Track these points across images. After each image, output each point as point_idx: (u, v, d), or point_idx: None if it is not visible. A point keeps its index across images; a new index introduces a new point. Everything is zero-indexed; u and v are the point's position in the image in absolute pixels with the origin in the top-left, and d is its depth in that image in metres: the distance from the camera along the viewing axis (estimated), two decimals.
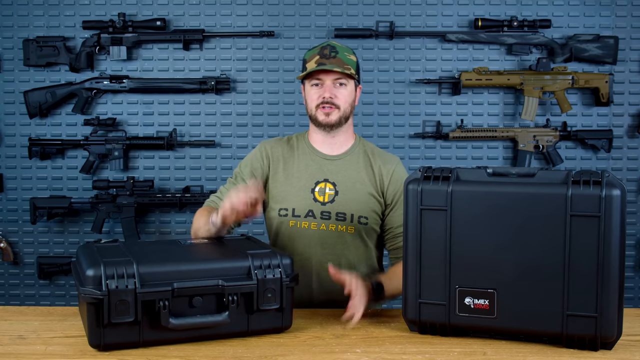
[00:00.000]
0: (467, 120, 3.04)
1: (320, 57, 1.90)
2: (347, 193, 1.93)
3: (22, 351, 1.43)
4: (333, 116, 1.91)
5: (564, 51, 2.97)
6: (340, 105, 1.91)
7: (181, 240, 1.72)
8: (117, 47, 2.97)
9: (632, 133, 3.05)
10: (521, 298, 1.44)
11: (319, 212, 1.92)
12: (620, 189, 1.38)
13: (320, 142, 1.99)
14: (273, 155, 2.00)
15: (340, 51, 1.91)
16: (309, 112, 1.95)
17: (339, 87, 1.91)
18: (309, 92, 1.94)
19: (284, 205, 1.95)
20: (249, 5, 3.03)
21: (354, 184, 1.94)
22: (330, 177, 1.95)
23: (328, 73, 1.89)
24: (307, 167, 1.97)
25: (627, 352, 1.42)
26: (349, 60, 1.91)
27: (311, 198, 1.93)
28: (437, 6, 3.02)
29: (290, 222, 1.94)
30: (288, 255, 1.59)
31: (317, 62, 1.89)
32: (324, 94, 1.90)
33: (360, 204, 1.93)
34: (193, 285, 1.45)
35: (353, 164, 1.97)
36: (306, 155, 1.99)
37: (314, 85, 1.92)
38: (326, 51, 1.90)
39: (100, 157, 3.01)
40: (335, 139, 1.97)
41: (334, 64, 1.87)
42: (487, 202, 1.45)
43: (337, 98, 1.90)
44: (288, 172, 1.98)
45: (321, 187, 1.94)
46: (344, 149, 1.99)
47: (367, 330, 1.59)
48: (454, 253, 1.48)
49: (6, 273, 3.11)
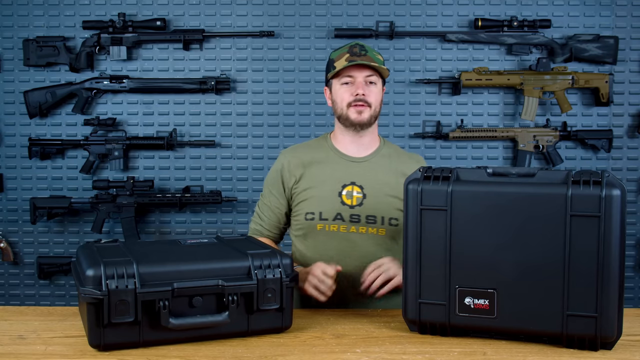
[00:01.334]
0: (467, 120, 3.04)
1: (351, 55, 1.88)
2: (375, 196, 1.91)
3: (22, 351, 1.43)
4: (365, 114, 1.89)
5: (564, 51, 2.97)
6: (372, 104, 1.90)
7: (181, 240, 1.72)
8: (117, 47, 2.97)
9: (632, 133, 3.05)
10: (521, 298, 1.44)
11: (347, 215, 1.90)
12: (620, 189, 1.38)
13: (347, 144, 1.97)
14: (291, 165, 1.97)
15: (370, 50, 1.91)
16: (339, 112, 1.92)
17: (370, 85, 1.90)
18: (339, 91, 1.91)
19: (311, 209, 1.93)
20: (249, 5, 3.03)
21: (381, 186, 1.92)
22: (357, 179, 1.93)
23: (360, 70, 1.88)
24: (333, 170, 1.95)
25: (627, 352, 1.42)
26: (377, 59, 1.91)
27: (339, 201, 1.91)
28: (437, 6, 3.02)
29: (318, 226, 1.92)
30: (288, 255, 1.59)
31: (347, 60, 1.87)
32: (357, 91, 1.87)
33: (389, 205, 1.91)
34: (193, 285, 1.45)
35: (379, 166, 1.95)
36: (331, 158, 1.97)
37: (345, 84, 1.90)
38: (356, 49, 1.89)
39: (100, 157, 3.01)
40: (362, 140, 1.95)
41: (365, 60, 1.86)
42: (487, 202, 1.45)
43: (369, 96, 1.89)
44: (313, 176, 1.95)
45: (348, 190, 1.92)
46: (369, 150, 1.97)
47: (367, 330, 1.59)
48: (454, 253, 1.48)
49: (6, 273, 3.11)
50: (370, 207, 1.91)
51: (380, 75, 1.92)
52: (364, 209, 1.91)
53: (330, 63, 1.93)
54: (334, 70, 1.90)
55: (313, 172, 1.96)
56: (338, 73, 1.90)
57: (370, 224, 1.90)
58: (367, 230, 1.91)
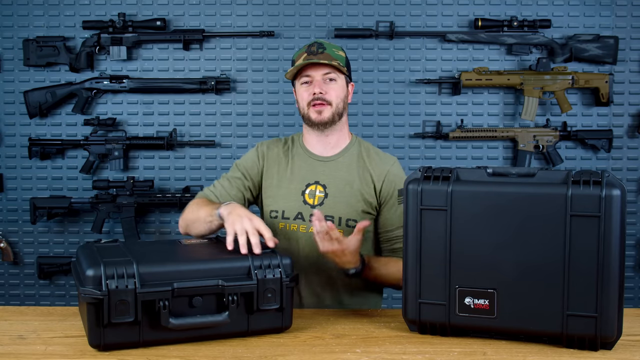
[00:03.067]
0: (467, 120, 3.04)
1: (308, 54, 1.87)
2: (337, 195, 1.89)
3: (22, 351, 1.43)
4: (325, 113, 1.87)
5: (564, 51, 2.97)
6: (331, 101, 1.87)
7: (181, 240, 1.73)
8: (117, 47, 2.97)
9: (632, 133, 3.05)
10: (521, 298, 1.44)
11: (308, 214, 1.88)
12: (620, 189, 1.38)
13: (314, 143, 1.95)
14: (269, 156, 1.97)
15: (328, 47, 1.88)
16: (301, 112, 1.92)
17: (329, 82, 1.87)
18: (299, 91, 1.91)
19: (275, 207, 1.93)
20: (249, 5, 3.03)
21: (344, 186, 1.90)
22: (321, 179, 1.92)
23: (317, 68, 1.86)
24: (299, 168, 1.94)
25: (627, 352, 1.42)
26: (337, 55, 1.88)
27: (301, 200, 1.90)
28: (437, 6, 3.02)
29: (280, 224, 1.91)
30: (288, 255, 1.59)
31: (304, 59, 1.86)
32: (314, 90, 1.86)
33: (350, 206, 1.89)
34: (193, 285, 1.45)
35: (345, 165, 1.93)
36: (299, 157, 1.96)
37: (304, 83, 1.89)
38: (313, 48, 1.88)
39: (100, 157, 3.01)
40: (329, 138, 1.93)
41: (322, 59, 1.84)
42: (487, 202, 1.45)
43: (328, 94, 1.87)
44: (281, 173, 1.95)
45: (311, 189, 1.91)
46: (337, 149, 1.95)
47: (367, 330, 1.59)
48: (454, 253, 1.48)
49: (6, 273, 3.11)
50: (330, 207, 1.89)
51: (341, 71, 1.89)
52: (324, 209, 1.88)
53: (292, 64, 1.93)
54: (290, 70, 1.89)
55: (282, 169, 1.95)
56: (298, 73, 1.89)
57: None
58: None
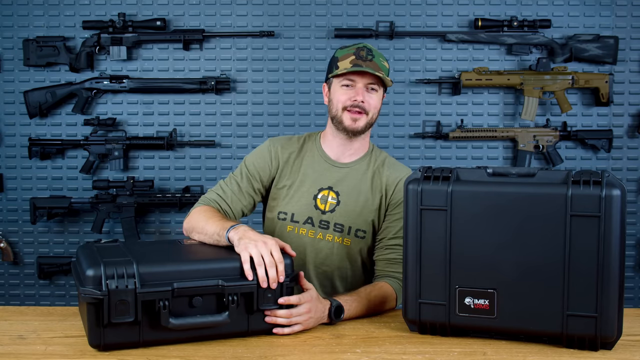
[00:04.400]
0: (467, 120, 3.04)
1: (356, 57, 1.79)
2: (349, 204, 1.86)
3: (22, 351, 1.43)
4: (360, 122, 1.81)
5: (564, 51, 2.97)
6: (369, 112, 1.82)
7: (181, 240, 1.72)
8: (117, 47, 2.97)
9: (632, 133, 3.05)
10: (521, 298, 1.44)
11: (318, 220, 1.87)
12: (620, 189, 1.38)
13: (334, 146, 1.90)
14: (282, 156, 1.91)
15: (377, 55, 1.82)
16: (334, 113, 1.84)
17: (371, 92, 1.81)
18: (337, 91, 1.83)
19: (284, 209, 1.89)
20: (249, 5, 3.03)
21: (358, 195, 1.87)
22: (335, 185, 1.88)
23: (363, 76, 1.79)
24: (313, 171, 1.89)
25: (627, 352, 1.42)
26: (383, 66, 1.82)
27: (312, 205, 1.87)
28: (437, 6, 3.02)
29: (288, 227, 1.88)
30: (288, 255, 1.58)
31: (352, 63, 1.79)
32: (356, 97, 1.79)
33: (361, 216, 1.86)
34: (193, 285, 1.45)
35: (360, 174, 1.89)
36: (314, 159, 1.91)
37: (345, 86, 1.81)
38: (362, 53, 1.80)
39: (100, 157, 3.01)
40: (352, 145, 1.88)
41: (370, 67, 1.78)
42: (487, 202, 1.45)
43: (368, 104, 1.81)
44: (293, 175, 1.90)
45: (324, 194, 1.87)
46: (355, 157, 1.90)
47: (367, 330, 1.59)
48: (454, 253, 1.48)
49: (6, 273, 3.11)
50: (340, 215, 1.86)
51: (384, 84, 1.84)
52: (334, 216, 1.86)
53: (334, 61, 1.84)
54: (336, 71, 1.81)
55: (294, 171, 1.90)
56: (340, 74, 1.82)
57: (337, 232, 1.86)
58: (333, 239, 1.86)
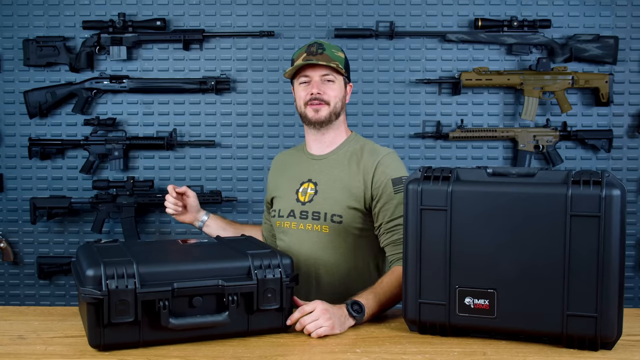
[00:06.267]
0: (467, 120, 3.04)
1: (307, 54, 1.90)
2: (325, 192, 1.93)
3: (22, 351, 1.43)
4: (322, 112, 1.91)
5: (564, 51, 2.97)
6: (329, 101, 1.91)
7: (181, 240, 1.73)
8: (117, 47, 2.97)
9: (632, 133, 3.05)
10: (521, 298, 1.44)
11: (298, 212, 1.95)
12: (620, 189, 1.38)
13: (311, 142, 2.02)
14: (276, 166, 2.10)
15: (327, 48, 1.92)
16: (299, 110, 1.97)
17: (327, 83, 1.91)
18: (298, 90, 1.95)
19: (275, 207, 2.02)
20: (249, 5, 3.02)
21: (334, 182, 1.93)
22: (314, 177, 1.97)
23: (315, 69, 1.90)
24: (297, 168, 2.01)
25: (627, 352, 1.42)
26: (336, 56, 1.92)
27: (294, 199, 1.97)
28: (437, 6, 3.02)
29: (277, 222, 1.99)
30: (288, 255, 1.59)
31: (303, 59, 1.90)
32: (312, 90, 1.90)
33: (337, 202, 1.90)
34: (193, 285, 1.45)
35: (338, 162, 1.96)
36: (300, 158, 2.04)
37: (302, 83, 1.93)
38: (313, 48, 1.91)
39: (100, 157, 3.01)
40: (325, 137, 1.98)
41: (321, 60, 1.88)
42: (487, 202, 1.45)
43: (326, 94, 1.90)
44: (285, 177, 2.03)
45: (304, 187, 1.96)
46: (331, 147, 1.99)
47: (367, 330, 1.59)
48: (454, 253, 1.48)
49: (6, 273, 3.11)
50: (317, 203, 1.93)
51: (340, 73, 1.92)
52: (312, 205, 1.93)
53: (292, 63, 1.97)
54: (289, 69, 1.93)
55: (285, 173, 2.04)
56: (297, 73, 1.93)
57: (315, 220, 1.92)
58: (313, 227, 1.91)
